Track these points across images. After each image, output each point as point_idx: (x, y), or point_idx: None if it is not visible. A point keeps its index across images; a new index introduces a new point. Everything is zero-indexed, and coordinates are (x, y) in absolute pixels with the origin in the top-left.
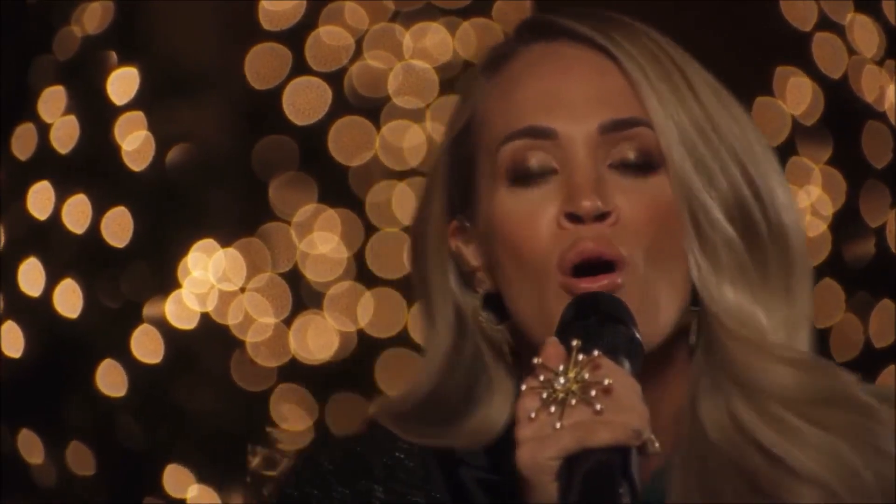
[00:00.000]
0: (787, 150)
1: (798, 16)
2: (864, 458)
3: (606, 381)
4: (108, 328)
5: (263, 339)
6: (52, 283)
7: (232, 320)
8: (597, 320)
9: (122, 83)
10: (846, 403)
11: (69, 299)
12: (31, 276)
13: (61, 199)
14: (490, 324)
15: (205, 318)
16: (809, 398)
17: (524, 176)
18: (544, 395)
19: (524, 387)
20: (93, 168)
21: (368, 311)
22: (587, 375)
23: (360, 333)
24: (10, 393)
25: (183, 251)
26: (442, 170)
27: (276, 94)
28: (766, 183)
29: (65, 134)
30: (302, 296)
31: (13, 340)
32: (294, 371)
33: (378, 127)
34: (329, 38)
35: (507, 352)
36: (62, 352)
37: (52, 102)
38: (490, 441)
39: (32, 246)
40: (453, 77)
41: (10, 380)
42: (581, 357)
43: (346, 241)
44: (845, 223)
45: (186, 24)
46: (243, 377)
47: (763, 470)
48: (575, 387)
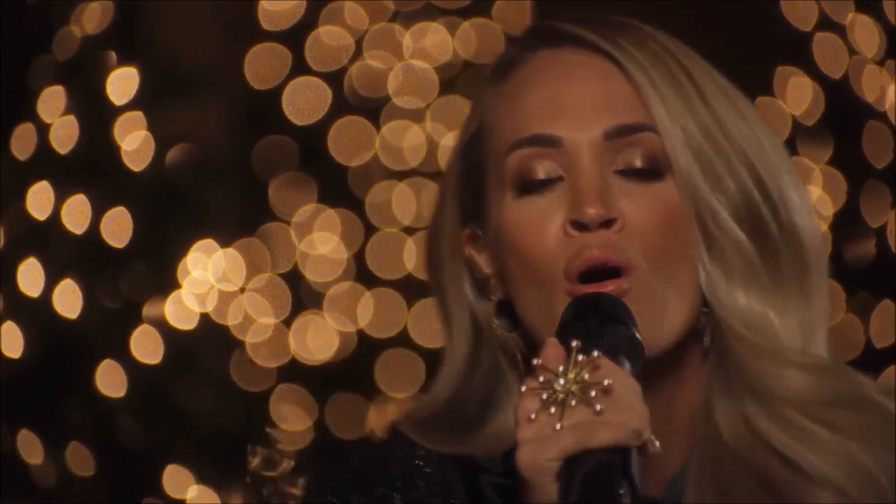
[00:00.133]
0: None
1: (799, 16)
2: (877, 460)
3: (606, 382)
4: (107, 328)
5: (263, 340)
6: (51, 283)
7: (232, 321)
8: (596, 321)
9: (122, 83)
10: (859, 405)
11: (69, 299)
12: (30, 277)
13: (61, 200)
14: (503, 331)
15: (204, 318)
16: (822, 401)
17: (531, 184)
18: (544, 396)
19: (524, 388)
20: (92, 168)
21: (368, 312)
22: (587, 376)
23: (360, 334)
24: (10, 393)
25: (183, 251)
26: (454, 178)
27: (276, 94)
28: (776, 184)
29: (64, 134)
30: (302, 296)
31: (13, 340)
32: (294, 371)
33: (378, 127)
34: (329, 38)
35: (520, 359)
36: (62, 352)
37: (52, 102)
38: (508, 447)
39: (32, 246)
40: (453, 77)
41: (9, 380)
42: (581, 358)
43: (346, 242)
44: (846, 223)
45: (186, 24)
46: (243, 377)
47: (777, 471)
48: (575, 387)
